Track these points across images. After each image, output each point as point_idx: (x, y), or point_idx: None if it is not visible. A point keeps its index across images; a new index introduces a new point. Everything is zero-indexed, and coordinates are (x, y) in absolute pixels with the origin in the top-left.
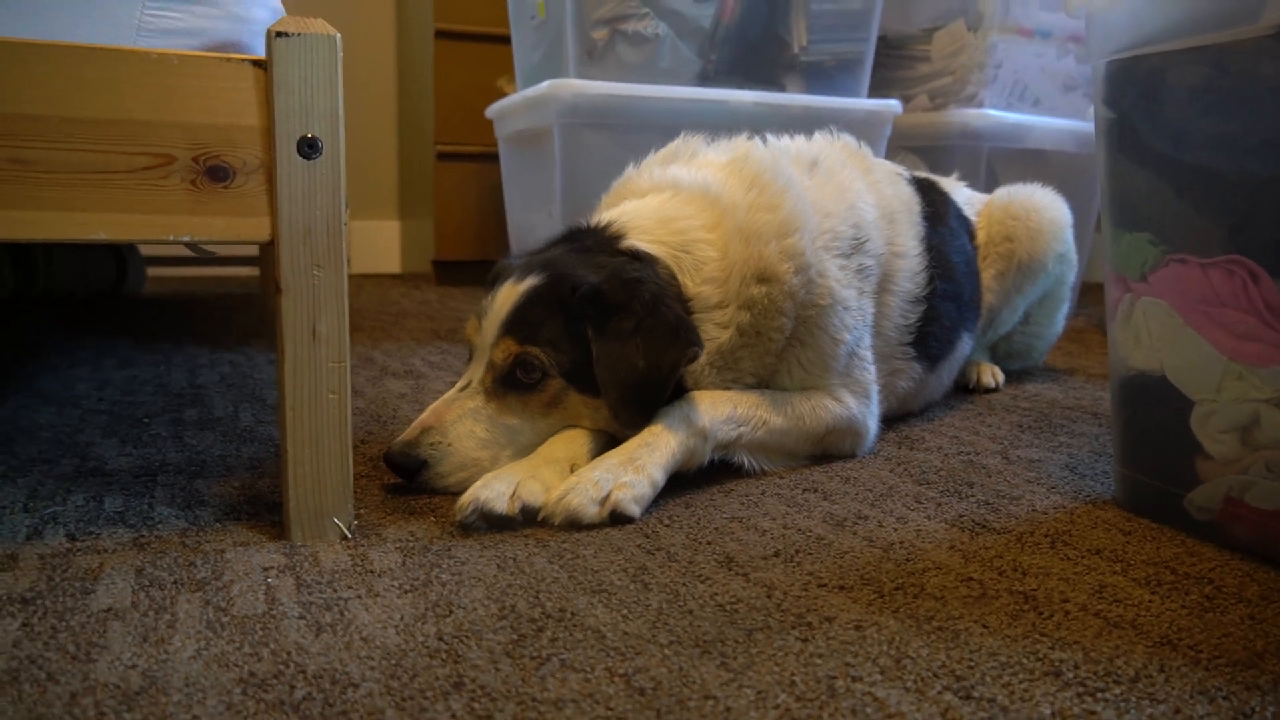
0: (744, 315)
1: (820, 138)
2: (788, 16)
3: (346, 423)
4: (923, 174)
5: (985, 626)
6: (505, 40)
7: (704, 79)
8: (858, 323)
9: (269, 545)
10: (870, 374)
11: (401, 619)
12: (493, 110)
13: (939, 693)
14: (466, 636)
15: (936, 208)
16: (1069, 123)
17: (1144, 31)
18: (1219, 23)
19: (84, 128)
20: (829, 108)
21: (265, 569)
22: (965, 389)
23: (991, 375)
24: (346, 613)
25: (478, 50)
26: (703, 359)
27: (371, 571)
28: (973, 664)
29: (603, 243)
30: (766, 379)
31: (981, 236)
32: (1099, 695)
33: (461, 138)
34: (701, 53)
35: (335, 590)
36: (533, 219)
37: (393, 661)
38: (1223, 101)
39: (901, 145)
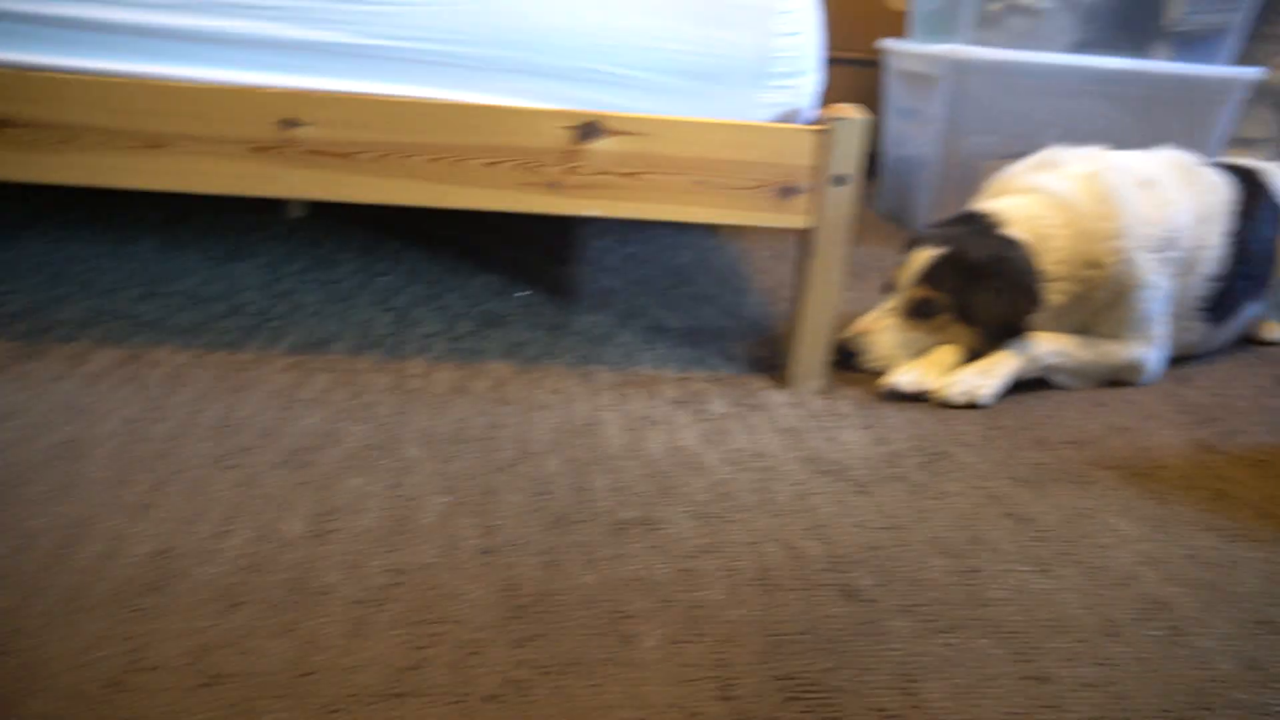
0: (1076, 288)
1: (1159, 154)
2: None
3: (831, 331)
4: (1248, 164)
5: (1183, 502)
6: None
7: (1077, 46)
8: (1159, 297)
9: (779, 390)
10: (1162, 330)
11: (863, 441)
12: (887, 45)
13: (1144, 525)
14: (897, 456)
15: (1247, 202)
16: None
17: None
18: None
19: (732, 165)
20: (1184, 74)
21: (785, 404)
22: (1250, 340)
23: (1275, 331)
24: (836, 434)
25: None
26: (1042, 314)
27: (839, 413)
28: (1168, 517)
29: (987, 228)
30: (1084, 328)
31: None
32: (1234, 543)
33: (847, 46)
34: (1081, 24)
35: (824, 421)
36: (907, 136)
37: (865, 460)
38: None
39: (1264, 100)
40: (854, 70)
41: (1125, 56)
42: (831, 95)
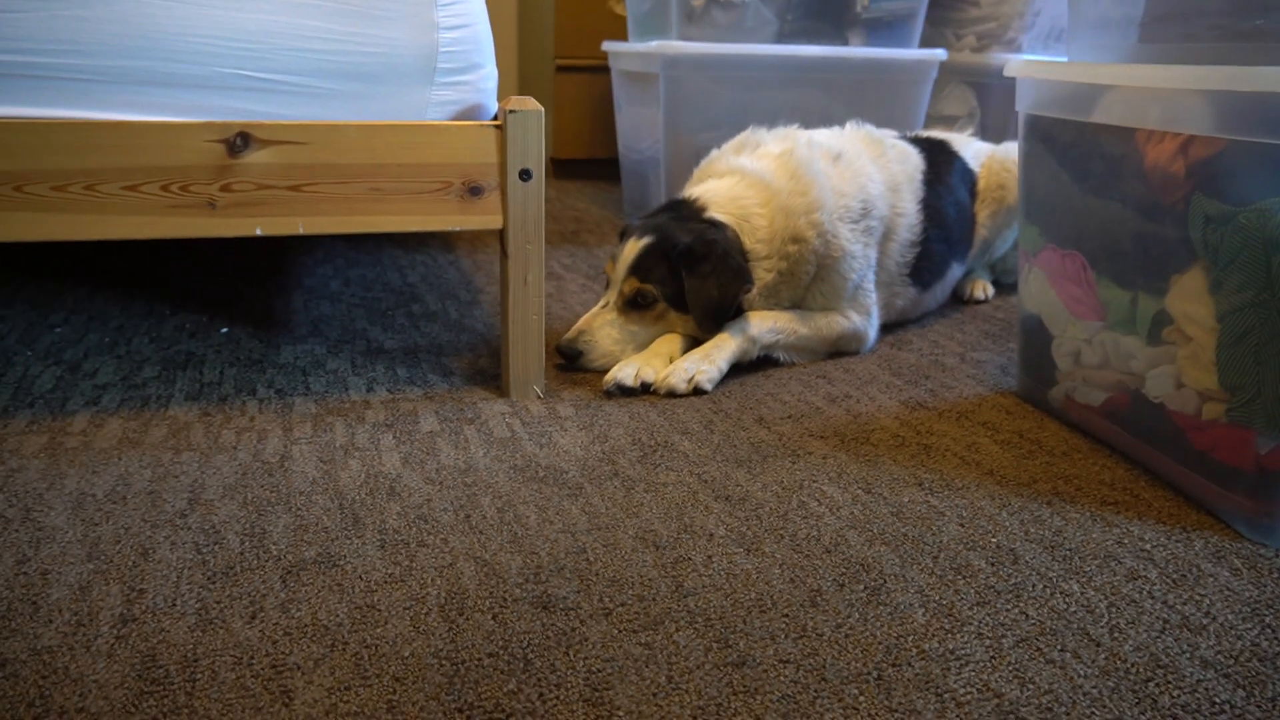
0: (783, 264)
1: (848, 129)
2: None
3: (542, 331)
4: (939, 135)
5: (893, 460)
6: None
7: (781, 37)
8: (862, 265)
9: (498, 400)
10: (872, 298)
11: (581, 443)
12: (609, 47)
13: (855, 489)
14: (616, 452)
15: (939, 170)
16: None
17: (1040, 99)
18: (1073, 110)
19: (408, 169)
20: (882, 58)
21: (502, 414)
22: (961, 300)
23: (982, 289)
24: (553, 438)
25: None
26: (754, 291)
27: (559, 417)
28: (877, 477)
29: (692, 213)
30: (798, 303)
31: (982, 184)
32: (937, 494)
33: (578, 53)
34: (779, 15)
35: (542, 427)
36: (639, 137)
37: (581, 462)
38: (1078, 157)
39: (956, 79)
40: (590, 77)
41: (825, 45)
42: (566, 103)
